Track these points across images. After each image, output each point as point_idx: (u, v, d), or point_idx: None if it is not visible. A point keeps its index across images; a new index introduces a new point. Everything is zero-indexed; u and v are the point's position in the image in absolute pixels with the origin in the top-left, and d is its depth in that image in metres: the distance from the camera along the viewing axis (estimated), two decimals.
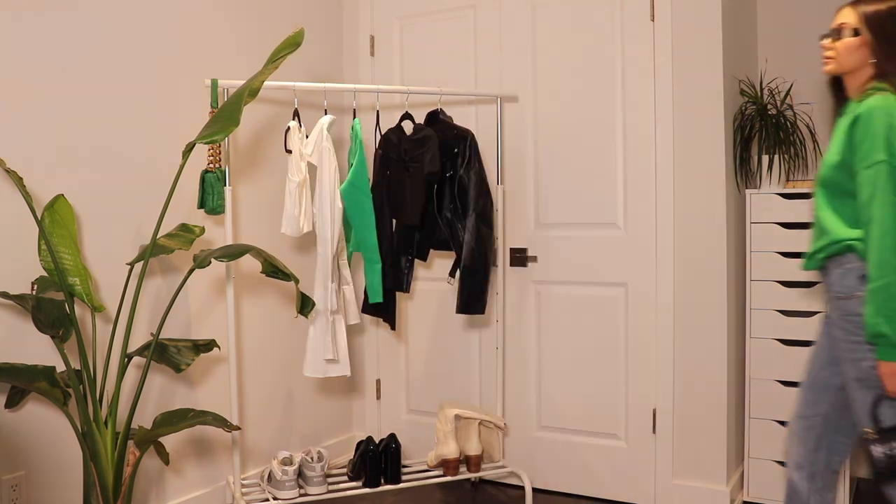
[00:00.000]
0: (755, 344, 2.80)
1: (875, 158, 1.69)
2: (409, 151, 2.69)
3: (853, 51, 1.84)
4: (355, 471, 2.71)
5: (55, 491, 2.23)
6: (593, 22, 2.88)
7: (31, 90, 2.17)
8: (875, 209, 1.69)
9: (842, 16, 1.89)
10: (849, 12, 1.87)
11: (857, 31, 1.83)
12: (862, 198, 1.73)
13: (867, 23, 1.83)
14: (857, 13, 1.85)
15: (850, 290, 1.79)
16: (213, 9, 2.75)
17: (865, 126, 1.72)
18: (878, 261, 1.67)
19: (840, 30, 1.87)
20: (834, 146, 1.84)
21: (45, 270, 2.06)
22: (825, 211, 1.85)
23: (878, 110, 1.71)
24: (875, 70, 1.82)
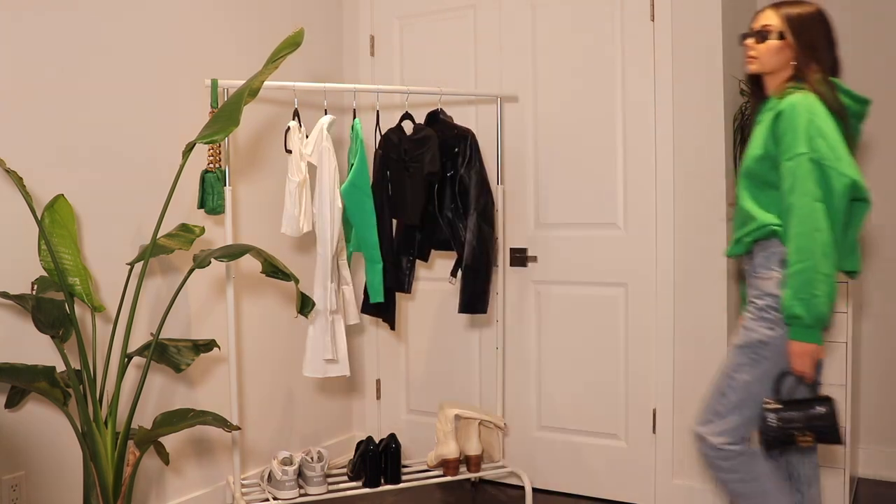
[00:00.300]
0: None
1: (796, 151, 1.79)
2: (409, 151, 2.69)
3: (776, 52, 1.92)
4: (355, 471, 2.71)
5: (55, 491, 2.23)
6: (593, 22, 2.88)
7: (31, 90, 2.17)
8: (795, 198, 1.79)
9: (765, 17, 1.95)
10: (772, 14, 1.94)
11: (783, 35, 1.91)
12: (783, 188, 1.83)
13: (791, 26, 1.91)
14: (780, 16, 1.93)
15: (769, 270, 1.90)
16: (213, 9, 2.75)
17: (788, 121, 1.81)
18: (796, 247, 1.78)
19: (765, 32, 1.93)
20: (757, 140, 1.93)
21: (45, 270, 2.06)
22: (749, 200, 1.95)
23: (800, 106, 1.81)
24: (795, 71, 1.92)
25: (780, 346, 1.86)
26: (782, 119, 1.83)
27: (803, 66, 1.90)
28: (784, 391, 1.89)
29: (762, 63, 1.95)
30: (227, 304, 2.52)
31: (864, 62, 3.04)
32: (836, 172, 1.76)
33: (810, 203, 1.76)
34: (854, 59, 3.06)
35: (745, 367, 1.92)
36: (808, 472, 2.05)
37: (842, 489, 2.66)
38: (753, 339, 1.90)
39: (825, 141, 1.78)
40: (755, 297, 1.93)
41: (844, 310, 2.66)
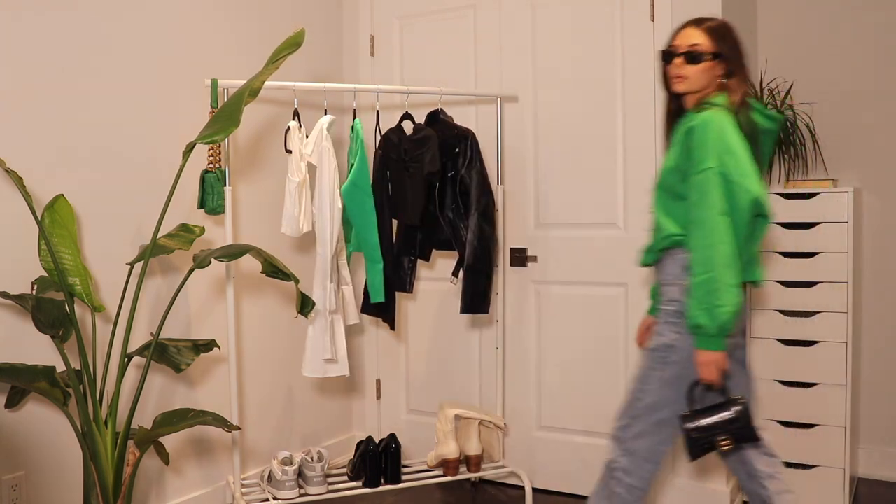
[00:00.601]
0: (755, 344, 2.80)
1: (705, 165, 1.82)
2: (409, 151, 2.69)
3: (706, 71, 1.95)
4: (355, 471, 2.71)
5: (55, 491, 2.23)
6: (593, 22, 2.88)
7: (31, 90, 2.17)
8: (700, 211, 1.83)
9: (689, 37, 1.96)
10: (697, 33, 1.95)
11: (712, 55, 1.93)
12: (691, 200, 1.87)
13: (719, 45, 1.94)
14: (706, 35, 1.94)
15: (676, 277, 1.95)
16: (213, 9, 2.75)
17: (699, 136, 1.85)
18: (700, 258, 1.82)
19: (694, 53, 1.94)
20: (671, 153, 1.97)
21: (45, 270, 2.06)
22: (660, 211, 2.01)
23: (712, 122, 1.84)
24: (719, 87, 1.95)
25: (686, 351, 1.90)
26: (694, 134, 1.87)
27: (729, 83, 1.94)
28: (697, 400, 1.92)
29: (691, 83, 1.97)
30: (227, 304, 2.52)
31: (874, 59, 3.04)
32: (741, 188, 1.80)
33: (715, 216, 1.81)
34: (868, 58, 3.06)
35: (656, 370, 1.97)
36: (764, 467, 2.09)
37: (842, 489, 2.66)
38: (662, 342, 1.95)
39: (733, 157, 1.82)
40: (664, 304, 1.97)
41: (844, 310, 2.66)
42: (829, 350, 2.69)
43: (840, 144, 3.08)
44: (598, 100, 2.88)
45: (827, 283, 2.69)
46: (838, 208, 2.67)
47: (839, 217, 2.67)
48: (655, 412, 1.97)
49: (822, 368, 2.69)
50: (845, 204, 2.66)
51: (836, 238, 2.67)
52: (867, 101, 3.04)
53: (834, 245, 2.68)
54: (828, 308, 2.69)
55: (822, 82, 3.10)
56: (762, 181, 1.87)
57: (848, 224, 2.66)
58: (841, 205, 2.67)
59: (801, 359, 2.72)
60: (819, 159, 3.08)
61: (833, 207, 2.68)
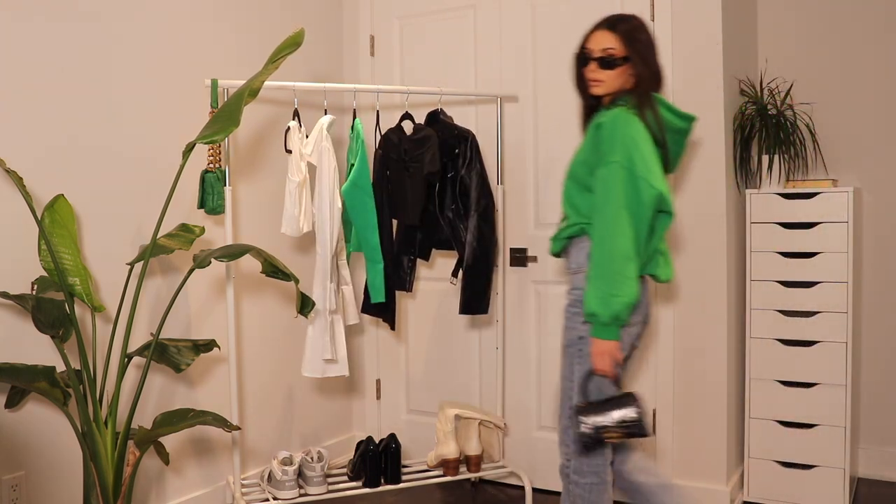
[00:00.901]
0: (755, 344, 2.80)
1: (611, 159, 1.89)
2: (409, 151, 2.69)
3: (620, 75, 1.99)
4: (355, 471, 2.71)
5: (55, 491, 2.23)
6: (593, 22, 2.87)
7: (32, 90, 2.17)
8: (604, 203, 1.90)
9: (604, 40, 1.99)
10: (611, 37, 1.98)
11: (626, 58, 1.97)
12: (596, 192, 1.94)
13: (632, 48, 1.98)
14: (620, 38, 1.98)
15: (580, 265, 2.01)
16: (212, 9, 2.75)
17: (607, 132, 1.92)
18: (599, 248, 1.89)
19: (609, 58, 1.98)
20: (582, 147, 2.04)
21: (45, 270, 2.06)
22: (568, 201, 2.08)
23: (619, 119, 1.92)
24: (632, 87, 2.00)
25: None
26: (602, 130, 1.93)
27: (640, 83, 1.99)
28: (592, 392, 1.97)
29: (607, 87, 2.01)
30: (227, 304, 2.52)
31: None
32: (645, 183, 1.85)
33: (617, 209, 1.86)
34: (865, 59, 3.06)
35: (576, 364, 2.01)
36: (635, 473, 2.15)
37: (842, 489, 2.66)
38: (574, 336, 2.01)
39: (638, 153, 1.87)
40: (571, 292, 2.03)
41: (844, 310, 2.66)
42: (829, 350, 2.69)
43: (840, 144, 3.08)
44: None
45: (827, 283, 2.69)
46: (838, 208, 2.67)
47: (839, 217, 2.67)
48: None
49: (822, 368, 2.69)
50: (845, 204, 2.66)
51: (836, 238, 2.67)
52: (867, 101, 3.04)
53: (834, 245, 2.68)
54: (828, 308, 2.69)
55: (822, 82, 3.10)
56: (666, 178, 1.95)
57: (848, 224, 2.66)
58: (841, 205, 2.67)
59: (801, 359, 2.72)
60: (819, 159, 3.08)
61: (833, 207, 2.68)
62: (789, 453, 2.75)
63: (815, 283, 2.70)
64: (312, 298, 2.42)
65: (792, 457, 2.74)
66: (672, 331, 2.77)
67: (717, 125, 2.69)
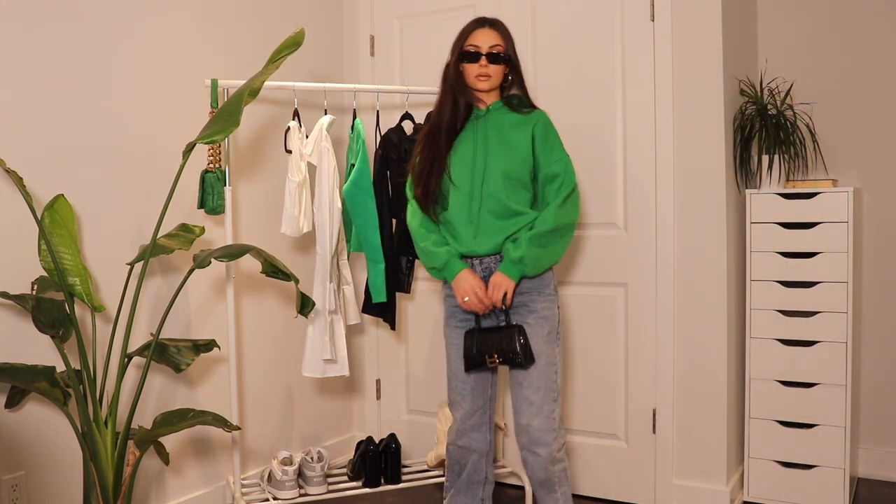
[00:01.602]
0: (755, 344, 2.80)
1: (562, 153, 2.19)
2: (408, 151, 2.69)
3: (503, 71, 2.20)
4: (355, 471, 2.71)
5: (55, 491, 2.23)
6: (593, 22, 2.88)
7: (32, 90, 2.17)
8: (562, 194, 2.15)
9: (489, 38, 2.17)
10: (495, 35, 2.18)
11: (508, 55, 2.19)
12: (558, 180, 2.17)
13: (511, 46, 2.20)
14: (503, 37, 2.19)
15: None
16: (213, 9, 2.75)
17: (551, 128, 2.21)
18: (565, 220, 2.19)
19: (497, 54, 2.17)
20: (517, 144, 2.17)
21: (45, 270, 2.06)
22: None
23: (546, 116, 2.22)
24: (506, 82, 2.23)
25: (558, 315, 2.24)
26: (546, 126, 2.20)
27: (515, 79, 2.23)
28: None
29: (493, 82, 2.19)
30: (227, 304, 2.52)
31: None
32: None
33: (575, 205, 2.22)
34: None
35: (555, 348, 2.20)
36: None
37: (842, 489, 2.66)
38: (555, 321, 2.21)
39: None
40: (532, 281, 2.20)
41: (844, 310, 2.66)
42: (829, 350, 2.69)
43: (840, 144, 3.08)
44: (598, 100, 2.88)
45: (827, 283, 2.69)
46: (838, 208, 2.67)
47: (839, 217, 2.67)
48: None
49: (822, 368, 2.69)
50: (845, 204, 2.66)
51: (836, 238, 2.67)
52: (867, 101, 3.04)
53: (834, 245, 2.68)
54: (828, 308, 2.69)
55: (822, 82, 3.11)
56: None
57: (848, 224, 2.66)
58: (841, 205, 2.67)
59: (801, 359, 2.72)
60: (819, 159, 3.08)
61: (833, 207, 2.68)
62: (789, 453, 2.75)
63: (815, 283, 2.70)
64: (312, 298, 2.42)
65: (792, 457, 2.74)
66: (672, 331, 2.77)
67: (717, 125, 2.69)
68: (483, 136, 2.19)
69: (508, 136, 2.18)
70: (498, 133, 2.18)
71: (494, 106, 2.23)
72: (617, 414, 2.89)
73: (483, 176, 2.15)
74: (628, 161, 2.84)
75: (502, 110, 2.22)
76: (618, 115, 2.85)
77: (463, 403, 2.25)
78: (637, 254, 2.84)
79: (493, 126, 2.20)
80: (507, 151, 2.16)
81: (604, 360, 2.91)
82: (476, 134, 2.20)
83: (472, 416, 2.26)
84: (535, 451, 2.15)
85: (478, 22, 2.20)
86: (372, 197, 2.57)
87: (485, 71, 2.16)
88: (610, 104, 2.86)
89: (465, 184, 2.16)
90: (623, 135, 2.84)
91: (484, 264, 2.18)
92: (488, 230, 2.15)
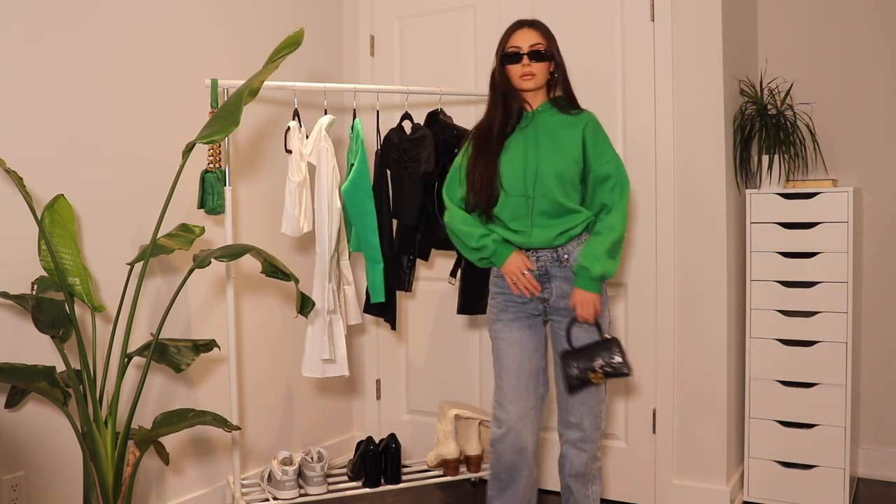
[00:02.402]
0: (755, 344, 2.80)
1: (613, 154, 2.19)
2: (407, 151, 2.69)
3: (548, 69, 2.19)
4: (355, 471, 2.71)
5: (55, 491, 2.23)
6: (593, 22, 2.88)
7: (32, 90, 2.17)
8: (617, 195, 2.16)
9: (530, 37, 2.17)
10: (535, 34, 2.17)
11: (552, 53, 2.18)
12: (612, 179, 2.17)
13: (555, 44, 2.19)
14: (543, 35, 2.18)
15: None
16: (213, 8, 2.75)
17: (600, 129, 2.21)
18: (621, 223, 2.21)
19: (539, 51, 2.16)
20: (569, 145, 2.16)
21: (45, 270, 2.06)
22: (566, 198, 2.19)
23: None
24: (549, 83, 2.22)
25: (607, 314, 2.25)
26: (596, 128, 2.20)
27: (560, 77, 2.22)
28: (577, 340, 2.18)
29: (538, 80, 2.18)
30: (227, 304, 2.52)
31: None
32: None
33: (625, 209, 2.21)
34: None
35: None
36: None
37: (842, 489, 2.66)
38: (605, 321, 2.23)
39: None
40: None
41: (844, 310, 2.66)
42: (829, 350, 2.69)
43: (840, 144, 3.08)
44: (598, 100, 2.87)
45: (827, 283, 2.69)
46: (838, 208, 2.67)
47: (839, 217, 2.67)
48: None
49: (822, 368, 2.69)
50: (845, 204, 2.66)
51: (836, 238, 2.67)
52: (867, 101, 3.04)
53: (834, 245, 2.68)
54: (828, 308, 2.69)
55: (822, 82, 3.11)
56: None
57: (848, 224, 2.66)
58: (841, 205, 2.67)
59: (801, 359, 2.72)
60: (819, 159, 3.08)
61: (833, 207, 2.68)
62: (789, 453, 2.75)
63: (815, 283, 2.70)
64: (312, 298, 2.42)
65: (792, 457, 2.74)
66: (672, 331, 2.77)
67: (717, 125, 2.69)
68: (533, 139, 2.18)
69: (559, 138, 2.17)
70: (548, 135, 2.18)
71: (543, 107, 2.22)
72: (617, 414, 2.89)
73: (535, 177, 2.14)
74: (628, 161, 2.83)
75: (550, 111, 2.21)
76: (618, 115, 2.85)
77: (517, 402, 2.21)
78: (637, 254, 2.84)
79: (542, 128, 2.19)
80: (559, 153, 2.15)
81: None
82: (526, 136, 2.19)
83: (527, 415, 2.21)
84: (582, 448, 2.22)
85: (517, 24, 2.21)
86: (371, 197, 2.58)
87: (528, 70, 2.15)
88: (610, 104, 2.86)
89: (517, 186, 2.16)
90: (623, 134, 2.84)
91: (540, 259, 2.19)
92: (543, 227, 2.17)
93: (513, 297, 2.23)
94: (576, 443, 2.22)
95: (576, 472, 2.24)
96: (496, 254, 2.19)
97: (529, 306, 2.23)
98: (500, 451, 2.20)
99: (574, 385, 2.13)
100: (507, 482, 2.23)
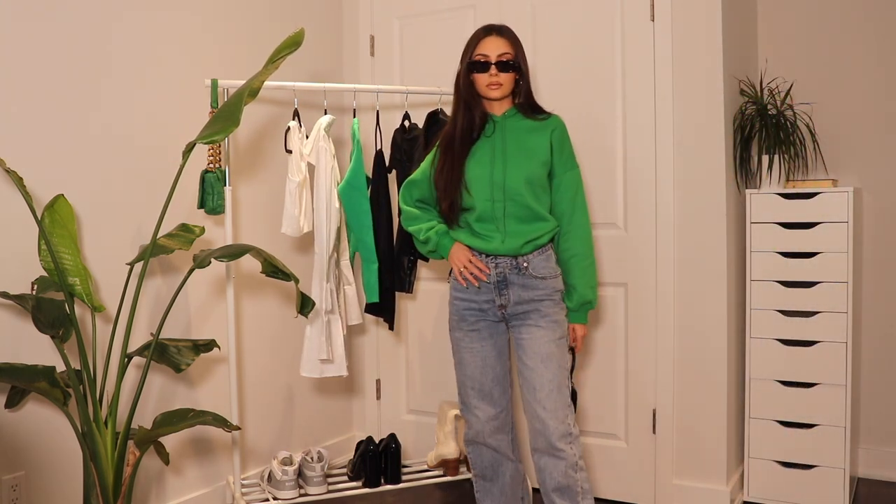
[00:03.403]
0: (755, 344, 2.80)
1: (575, 163, 2.23)
2: (406, 151, 2.70)
3: (514, 78, 2.18)
4: (355, 471, 2.71)
5: (55, 491, 2.23)
6: (593, 22, 2.88)
7: (32, 90, 2.17)
8: (580, 203, 2.22)
9: (499, 46, 2.15)
10: (504, 43, 2.16)
11: (518, 63, 2.16)
12: (573, 190, 2.22)
13: (522, 54, 2.19)
14: (511, 44, 2.17)
15: (556, 270, 2.23)
16: (213, 8, 2.75)
17: (567, 137, 2.23)
18: (588, 242, 2.28)
19: (507, 61, 2.15)
20: (536, 149, 2.17)
21: (45, 270, 2.05)
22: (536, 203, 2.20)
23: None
24: (514, 90, 2.21)
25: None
26: (563, 134, 2.22)
27: (525, 87, 2.21)
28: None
29: (504, 90, 2.17)
30: (227, 304, 2.52)
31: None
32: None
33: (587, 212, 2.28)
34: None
35: (563, 353, 2.21)
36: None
37: (842, 489, 2.66)
38: (563, 327, 2.22)
39: None
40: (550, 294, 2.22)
41: (844, 310, 2.66)
42: (829, 350, 2.69)
43: (840, 144, 3.08)
44: (598, 100, 2.88)
45: (827, 283, 2.69)
46: (838, 208, 2.67)
47: (839, 217, 2.67)
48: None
49: (822, 368, 2.69)
50: (845, 204, 2.66)
51: (836, 238, 2.67)
52: (867, 101, 3.04)
53: (834, 245, 2.68)
54: (828, 308, 2.69)
55: (822, 82, 3.11)
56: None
57: (848, 224, 2.66)
58: (841, 205, 2.67)
59: (801, 359, 2.72)
60: (819, 159, 3.08)
61: (833, 207, 2.68)
62: (789, 453, 2.75)
63: (815, 283, 2.71)
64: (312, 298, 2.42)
65: (792, 457, 2.74)
66: (672, 331, 2.77)
67: (717, 125, 2.69)
68: (500, 144, 2.18)
69: (526, 142, 2.18)
70: (515, 140, 2.18)
71: (509, 113, 2.23)
72: (617, 414, 2.89)
73: (504, 182, 2.14)
74: (628, 161, 2.84)
75: (517, 117, 2.22)
76: (618, 115, 2.85)
77: (483, 407, 2.25)
78: (637, 254, 2.84)
79: (510, 133, 2.20)
80: (527, 157, 2.17)
81: (604, 359, 2.91)
82: (493, 143, 2.19)
83: (496, 418, 2.26)
84: (555, 455, 2.08)
85: (485, 30, 2.19)
86: (366, 196, 2.58)
87: (495, 80, 2.14)
88: (610, 104, 2.86)
89: (484, 191, 2.16)
90: (623, 134, 2.84)
91: (499, 265, 2.19)
92: (513, 233, 2.16)
93: (471, 304, 2.23)
94: (548, 450, 2.09)
95: (557, 484, 2.09)
96: (440, 245, 2.23)
97: (489, 312, 2.23)
98: (479, 451, 2.31)
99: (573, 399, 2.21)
100: (491, 478, 2.31)
